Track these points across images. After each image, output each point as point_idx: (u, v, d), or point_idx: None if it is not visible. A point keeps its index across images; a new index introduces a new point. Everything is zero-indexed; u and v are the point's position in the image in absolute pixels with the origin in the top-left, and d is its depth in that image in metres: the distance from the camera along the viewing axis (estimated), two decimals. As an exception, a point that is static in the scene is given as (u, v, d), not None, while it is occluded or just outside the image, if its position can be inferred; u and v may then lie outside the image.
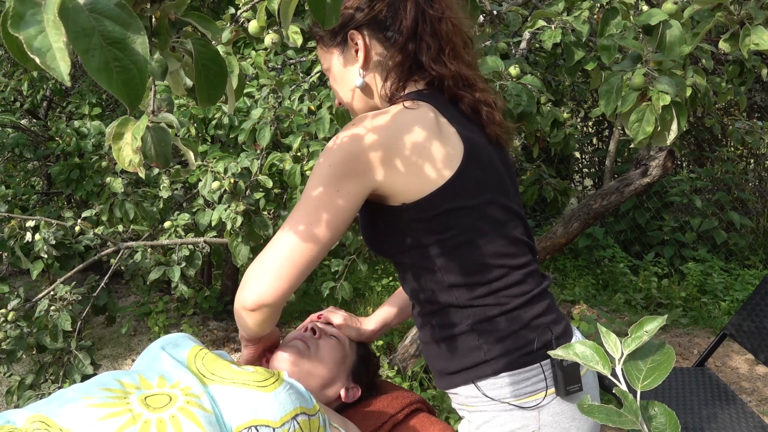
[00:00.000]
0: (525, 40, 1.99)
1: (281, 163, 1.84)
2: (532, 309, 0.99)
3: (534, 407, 0.97)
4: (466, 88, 1.01)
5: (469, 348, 0.99)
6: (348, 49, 1.02)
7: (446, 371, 1.03)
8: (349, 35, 1.00)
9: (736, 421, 1.82)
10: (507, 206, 1.00)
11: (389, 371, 2.67)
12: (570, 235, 2.59)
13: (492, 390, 0.98)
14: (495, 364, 0.97)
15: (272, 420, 0.91)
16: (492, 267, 0.97)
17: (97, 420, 0.83)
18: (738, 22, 1.05)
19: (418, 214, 0.93)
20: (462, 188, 0.93)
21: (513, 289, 0.98)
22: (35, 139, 3.46)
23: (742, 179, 4.80)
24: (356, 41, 1.00)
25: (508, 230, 0.99)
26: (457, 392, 1.03)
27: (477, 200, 0.95)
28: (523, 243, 1.02)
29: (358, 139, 0.90)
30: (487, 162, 0.98)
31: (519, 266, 0.99)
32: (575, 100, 5.09)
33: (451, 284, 0.97)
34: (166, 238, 2.42)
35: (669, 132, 1.06)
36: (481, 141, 0.99)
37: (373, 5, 0.98)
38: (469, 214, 0.94)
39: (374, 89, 1.03)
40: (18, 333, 1.91)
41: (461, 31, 1.01)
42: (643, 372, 0.51)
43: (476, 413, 1.01)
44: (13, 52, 0.42)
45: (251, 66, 2.13)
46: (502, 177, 1.01)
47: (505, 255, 0.98)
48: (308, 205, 0.90)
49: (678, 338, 3.43)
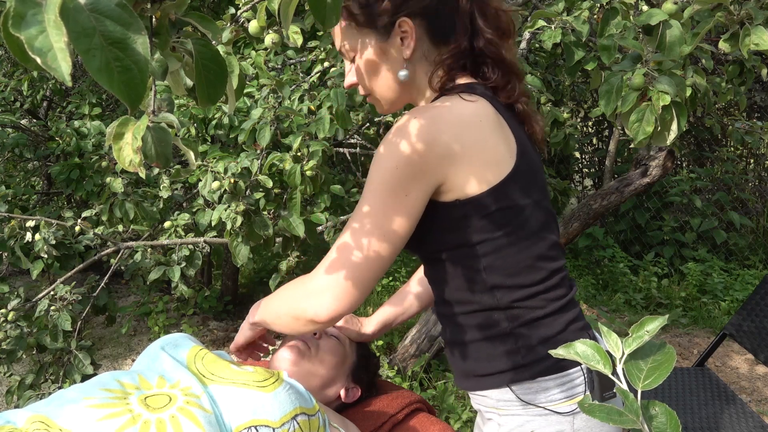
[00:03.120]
0: (525, 40, 1.99)
1: (281, 163, 1.84)
2: (568, 313, 0.98)
3: (569, 413, 0.95)
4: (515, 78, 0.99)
5: (506, 351, 0.97)
6: (392, 36, 0.95)
7: (476, 373, 1.00)
8: (399, 22, 0.93)
9: (736, 421, 1.82)
10: (548, 208, 0.99)
11: (389, 371, 2.67)
12: (570, 235, 2.59)
13: (527, 394, 0.96)
14: (532, 369, 0.95)
15: (272, 420, 0.91)
16: (535, 269, 0.95)
17: (97, 420, 0.83)
18: (738, 22, 1.05)
19: (471, 211, 0.90)
20: (514, 188, 0.91)
21: (552, 292, 0.97)
22: (35, 139, 3.46)
23: (742, 179, 4.80)
24: (405, 29, 0.94)
25: (549, 232, 0.98)
26: (486, 395, 1.00)
27: (526, 200, 0.93)
28: (559, 246, 1.01)
29: (423, 134, 0.85)
30: (534, 161, 0.97)
31: (557, 270, 0.98)
32: (575, 100, 5.09)
33: (493, 285, 0.95)
34: (166, 238, 2.42)
35: (669, 132, 1.06)
36: (529, 142, 0.98)
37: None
38: (519, 214, 0.93)
39: (415, 82, 0.98)
40: (18, 333, 1.91)
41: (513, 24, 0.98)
42: (644, 372, 0.51)
43: (508, 417, 0.98)
44: (14, 52, 0.42)
45: (251, 66, 2.13)
46: (543, 178, 1.00)
47: (546, 257, 0.97)
48: (377, 207, 0.86)
49: (678, 338, 3.43)
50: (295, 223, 1.77)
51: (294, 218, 1.78)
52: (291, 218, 1.78)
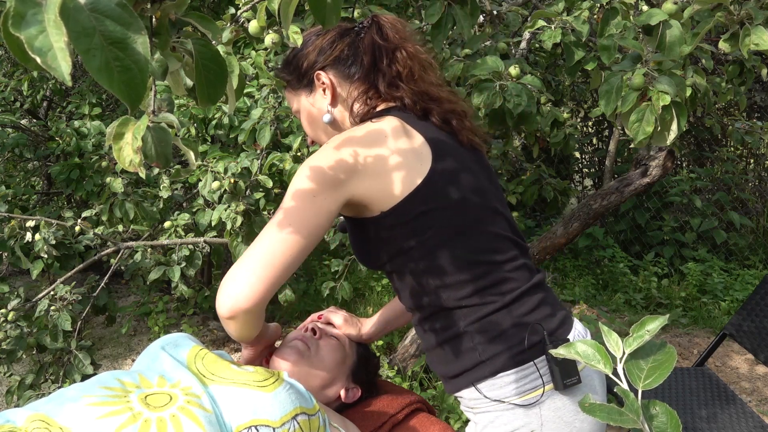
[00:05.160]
0: (525, 40, 1.99)
1: (281, 163, 1.85)
2: (521, 306, 1.01)
3: (534, 404, 0.98)
4: (432, 102, 1.06)
5: (464, 350, 1.00)
6: (315, 89, 1.09)
7: (448, 375, 1.05)
8: (315, 76, 1.08)
9: (736, 421, 1.82)
10: (484, 205, 1.02)
11: (389, 371, 2.67)
12: (570, 235, 2.59)
13: (491, 391, 0.99)
14: (491, 365, 0.99)
15: (272, 420, 0.91)
16: (474, 264, 0.99)
17: (97, 418, 0.82)
18: (738, 22, 1.05)
19: (396, 220, 0.96)
20: (433, 191, 0.97)
21: (500, 286, 1.00)
22: (35, 139, 3.46)
23: (742, 179, 4.80)
24: (322, 80, 1.07)
25: (486, 227, 1.01)
26: (461, 395, 1.05)
27: (450, 200, 0.98)
28: (505, 239, 1.03)
29: (332, 153, 0.94)
30: (459, 164, 1.02)
31: (503, 262, 1.01)
32: (575, 100, 5.09)
33: (436, 286, 0.99)
34: (166, 238, 2.42)
35: (669, 132, 1.06)
36: (450, 145, 1.03)
37: (335, 46, 1.07)
38: (444, 213, 0.97)
39: (344, 121, 1.10)
40: (18, 333, 1.91)
41: (417, 57, 1.08)
42: (645, 371, 0.51)
43: (481, 414, 1.02)
44: (14, 52, 0.42)
45: (251, 66, 2.13)
46: (476, 177, 1.03)
47: (485, 251, 1.00)
48: (285, 213, 0.92)
49: (678, 338, 3.43)
50: (295, 223, 1.76)
51: (294, 218, 1.77)
52: (291, 218, 1.78)
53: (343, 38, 1.08)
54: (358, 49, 1.07)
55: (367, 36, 1.07)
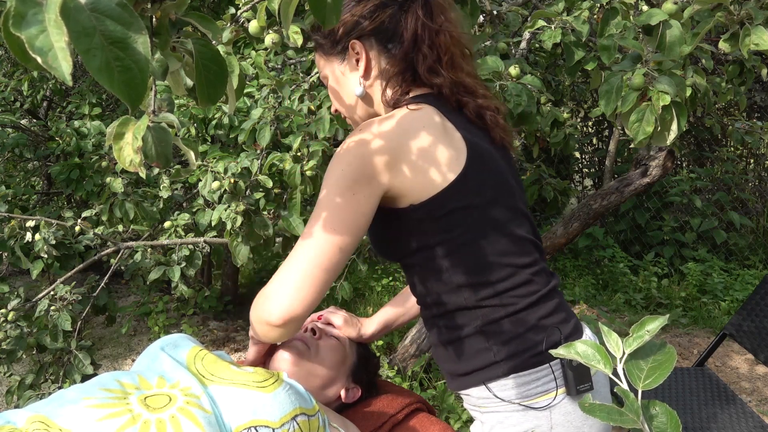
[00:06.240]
0: (525, 40, 1.99)
1: (281, 163, 1.84)
2: (539, 309, 1.00)
3: (545, 407, 0.97)
4: (467, 95, 1.03)
5: (478, 350, 0.99)
6: (348, 58, 1.03)
7: (457, 373, 1.04)
8: (350, 44, 1.01)
9: (736, 421, 1.82)
10: (511, 205, 1.00)
11: (389, 371, 2.67)
12: (570, 235, 2.59)
13: (503, 391, 0.98)
14: (505, 366, 0.98)
15: (272, 420, 0.91)
16: (498, 266, 0.97)
17: (96, 420, 0.82)
18: (738, 22, 1.05)
19: (426, 214, 0.94)
20: (466, 188, 0.94)
21: (520, 289, 0.99)
22: (35, 139, 3.46)
23: (742, 179, 4.80)
24: (357, 50, 1.01)
25: (513, 229, 0.99)
26: (469, 393, 1.04)
27: (481, 199, 0.96)
28: (529, 242, 1.02)
29: (366, 144, 0.90)
30: (491, 163, 0.99)
31: (525, 265, 1.00)
32: (575, 100, 5.09)
33: (458, 285, 0.97)
34: (166, 238, 2.42)
35: (669, 132, 1.06)
36: (484, 143, 1.00)
37: (376, 16, 0.99)
38: (474, 212, 0.95)
39: (374, 98, 1.04)
40: (18, 333, 1.91)
41: (460, 43, 1.03)
42: (645, 371, 0.51)
43: (489, 414, 1.01)
44: (15, 52, 0.42)
45: (251, 66, 2.13)
46: (505, 177, 1.02)
47: (510, 254, 0.98)
48: (325, 211, 0.89)
49: (678, 338, 3.43)
50: (295, 223, 1.77)
51: (294, 218, 1.78)
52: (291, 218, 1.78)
53: (385, 9, 0.99)
54: (399, 23, 0.99)
55: (411, 11, 0.99)
